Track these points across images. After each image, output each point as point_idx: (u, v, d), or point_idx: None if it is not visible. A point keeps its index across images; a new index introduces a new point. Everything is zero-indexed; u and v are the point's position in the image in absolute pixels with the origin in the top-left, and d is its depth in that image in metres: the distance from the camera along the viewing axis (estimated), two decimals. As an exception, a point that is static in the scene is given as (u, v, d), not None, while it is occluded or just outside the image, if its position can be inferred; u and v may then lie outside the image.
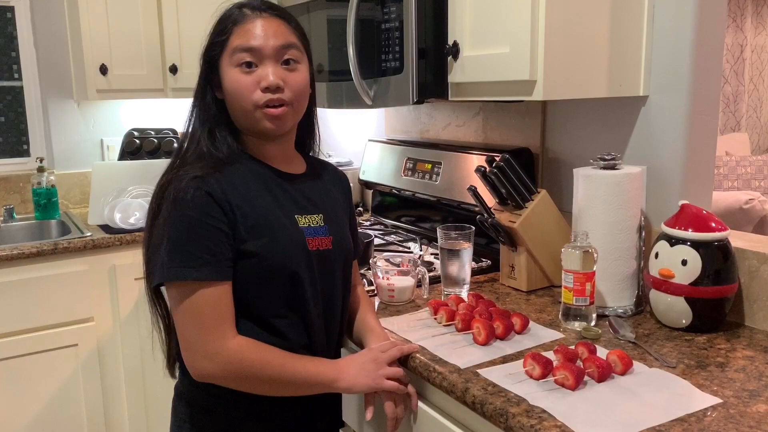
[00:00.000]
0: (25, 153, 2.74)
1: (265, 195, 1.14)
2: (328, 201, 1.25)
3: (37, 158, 2.58)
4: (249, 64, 1.10)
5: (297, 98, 1.14)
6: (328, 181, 1.30)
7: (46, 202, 2.51)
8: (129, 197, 2.38)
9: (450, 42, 1.53)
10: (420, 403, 1.24)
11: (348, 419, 1.36)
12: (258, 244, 1.10)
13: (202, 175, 1.08)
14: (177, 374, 1.22)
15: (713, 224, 1.31)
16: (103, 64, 2.42)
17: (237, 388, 1.10)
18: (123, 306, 2.29)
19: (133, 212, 2.34)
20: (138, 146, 2.63)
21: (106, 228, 2.34)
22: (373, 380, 1.12)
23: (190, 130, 1.16)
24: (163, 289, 1.16)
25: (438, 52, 1.56)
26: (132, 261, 2.27)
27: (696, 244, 1.29)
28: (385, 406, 1.15)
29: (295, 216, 1.16)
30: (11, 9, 2.63)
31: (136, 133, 2.66)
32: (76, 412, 2.24)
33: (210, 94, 1.15)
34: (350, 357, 1.16)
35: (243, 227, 1.09)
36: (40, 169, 2.52)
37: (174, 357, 1.21)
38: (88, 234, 2.26)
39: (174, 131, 2.72)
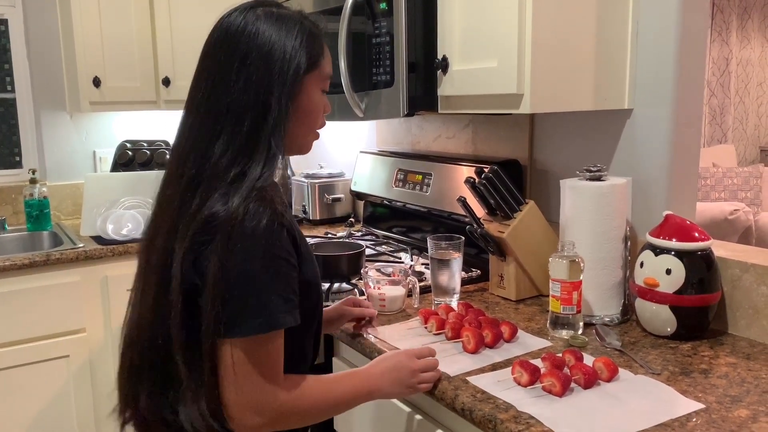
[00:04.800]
0: (18, 165, 2.74)
1: (293, 218, 1.10)
2: None
3: (30, 170, 2.59)
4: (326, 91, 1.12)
5: None
6: None
7: (38, 213, 2.52)
8: (121, 208, 2.40)
9: (439, 56, 1.56)
10: (410, 411, 1.26)
11: (339, 427, 1.38)
12: (308, 271, 1.06)
13: (281, 211, 0.98)
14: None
15: (696, 234, 1.34)
16: (96, 77, 2.44)
17: (285, 428, 1.04)
18: (115, 317, 2.29)
19: (126, 223, 2.35)
20: (130, 158, 2.65)
21: (98, 239, 2.34)
22: (407, 388, 1.12)
23: (271, 146, 1.00)
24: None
25: (428, 65, 1.59)
26: (124, 272, 2.28)
27: (680, 254, 1.32)
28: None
29: None
30: (5, 21, 2.65)
31: (128, 145, 2.68)
32: (67, 423, 2.24)
33: (291, 108, 1.03)
34: (383, 364, 1.11)
35: (299, 256, 1.03)
36: (33, 181, 2.52)
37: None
38: (81, 245, 2.27)
39: (167, 143, 2.74)
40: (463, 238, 1.56)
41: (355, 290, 1.69)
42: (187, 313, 0.96)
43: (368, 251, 2.07)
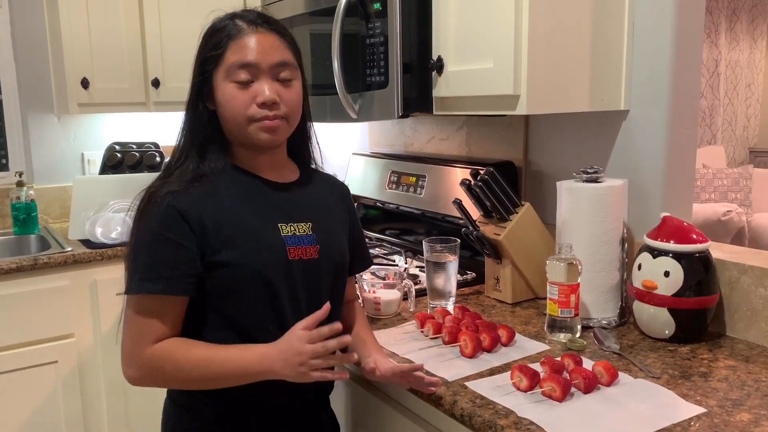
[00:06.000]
0: (4, 167, 2.70)
1: (242, 205, 1.14)
2: (321, 210, 1.23)
3: (17, 172, 2.54)
4: (245, 80, 1.11)
5: (292, 113, 1.16)
6: (324, 191, 1.27)
7: (25, 216, 2.48)
8: (110, 211, 2.36)
9: (434, 57, 1.55)
10: (407, 418, 1.24)
11: None
12: (231, 254, 1.10)
13: (177, 190, 1.09)
14: None
15: (694, 236, 1.33)
16: (84, 78, 2.41)
17: (167, 388, 1.17)
18: (104, 321, 2.26)
19: (115, 227, 2.32)
20: (119, 160, 2.61)
21: (87, 243, 2.31)
22: (299, 375, 1.05)
23: (181, 142, 1.17)
24: None
25: (422, 66, 1.58)
26: (114, 276, 2.25)
27: (678, 256, 1.31)
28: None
29: (279, 224, 1.15)
30: (-9, 22, 2.61)
31: (117, 147, 2.64)
32: (55, 431, 2.20)
33: (201, 104, 1.15)
34: (281, 343, 1.07)
35: (216, 239, 1.09)
36: (20, 184, 2.48)
37: None
38: (69, 249, 2.23)
39: (156, 145, 2.71)
40: (459, 240, 1.54)
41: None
42: None
43: (362, 254, 2.05)
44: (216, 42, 1.12)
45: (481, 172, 1.57)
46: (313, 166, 1.30)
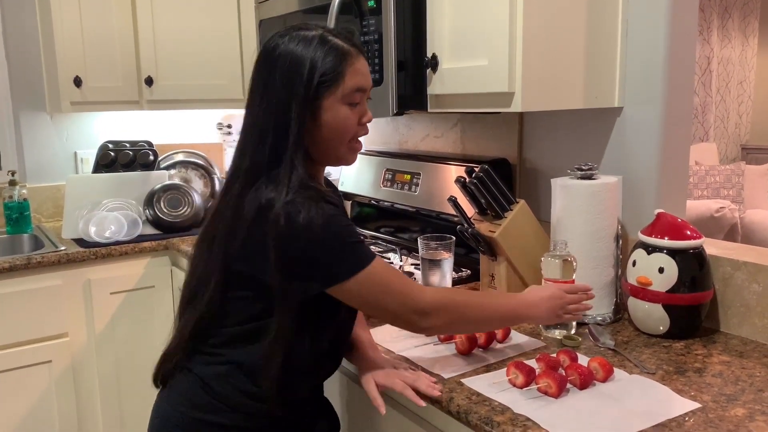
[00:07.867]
0: (-4, 166, 2.68)
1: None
2: None
3: (9, 171, 2.53)
4: (358, 102, 1.13)
5: None
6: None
7: (17, 216, 2.46)
8: (104, 210, 2.35)
9: (429, 54, 1.55)
10: (403, 416, 1.24)
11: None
12: None
13: (319, 195, 1.08)
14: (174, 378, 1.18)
15: (688, 232, 1.33)
16: (77, 76, 2.39)
17: (448, 333, 1.24)
18: (98, 321, 2.25)
19: (109, 225, 2.31)
20: (113, 159, 2.59)
21: (80, 242, 2.30)
22: (555, 317, 1.24)
23: (283, 154, 1.08)
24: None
25: (417, 64, 1.58)
26: (107, 275, 2.24)
27: (672, 252, 1.32)
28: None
29: None
30: (-18, 20, 2.59)
31: (110, 146, 2.62)
32: (49, 430, 2.19)
33: (307, 121, 1.09)
34: (539, 293, 1.24)
35: None
36: (12, 183, 2.46)
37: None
38: (62, 248, 2.22)
39: (149, 143, 2.69)
40: (454, 237, 1.54)
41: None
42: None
43: (357, 252, 2.05)
44: (335, 64, 1.09)
45: (476, 169, 1.57)
46: None
